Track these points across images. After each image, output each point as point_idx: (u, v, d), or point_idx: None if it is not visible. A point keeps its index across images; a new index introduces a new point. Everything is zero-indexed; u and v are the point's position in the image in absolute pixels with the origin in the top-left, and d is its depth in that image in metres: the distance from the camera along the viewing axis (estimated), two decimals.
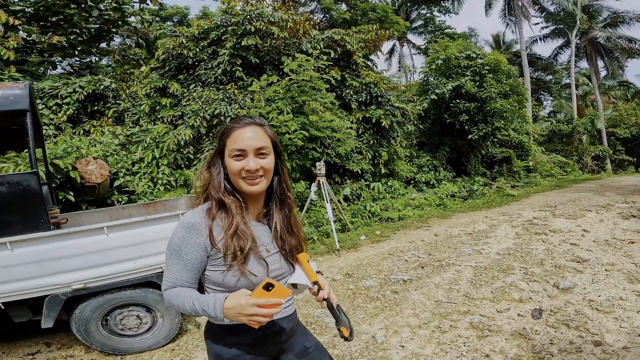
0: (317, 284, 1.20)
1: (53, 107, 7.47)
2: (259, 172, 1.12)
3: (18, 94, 2.56)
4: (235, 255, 1.11)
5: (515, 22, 20.18)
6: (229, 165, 1.13)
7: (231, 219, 1.13)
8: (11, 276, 2.45)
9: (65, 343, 3.16)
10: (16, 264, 2.43)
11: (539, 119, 20.57)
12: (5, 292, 2.47)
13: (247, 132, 1.12)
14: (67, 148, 5.43)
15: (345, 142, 7.24)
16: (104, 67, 12.10)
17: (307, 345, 1.37)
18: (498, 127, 10.68)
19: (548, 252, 4.75)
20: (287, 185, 1.26)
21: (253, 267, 1.14)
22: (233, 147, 1.11)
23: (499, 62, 10.70)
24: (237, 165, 1.11)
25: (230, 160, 1.12)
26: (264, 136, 1.15)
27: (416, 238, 6.07)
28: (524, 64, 19.07)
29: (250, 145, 1.11)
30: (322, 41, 7.99)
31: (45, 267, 2.50)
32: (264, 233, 1.23)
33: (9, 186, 2.43)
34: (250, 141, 1.11)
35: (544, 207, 7.82)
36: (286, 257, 1.25)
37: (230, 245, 1.11)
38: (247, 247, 1.12)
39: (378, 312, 3.43)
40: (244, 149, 1.10)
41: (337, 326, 1.21)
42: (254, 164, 1.10)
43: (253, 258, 1.15)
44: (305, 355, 1.36)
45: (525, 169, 13.13)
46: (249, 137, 1.11)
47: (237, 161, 1.11)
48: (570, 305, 3.28)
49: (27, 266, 2.46)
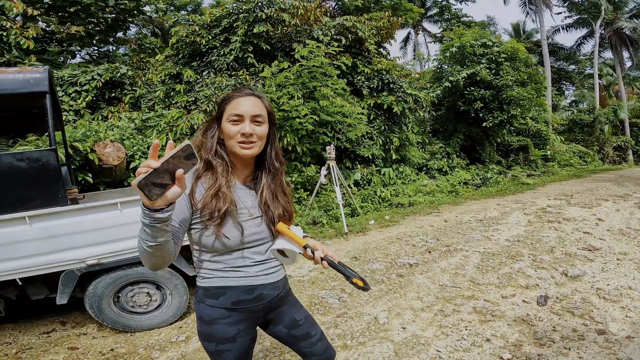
0: (308, 247, 1.21)
1: (72, 94, 7.68)
2: (252, 137, 1.18)
3: (38, 77, 2.65)
4: (212, 216, 1.15)
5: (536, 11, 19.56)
6: (225, 129, 1.19)
7: (215, 180, 1.18)
8: (29, 251, 2.54)
9: (80, 321, 3.27)
10: (34, 238, 2.53)
11: (560, 108, 19.96)
12: (24, 268, 2.56)
13: (246, 101, 1.20)
14: (86, 132, 5.61)
15: (356, 128, 7.23)
16: (121, 55, 12.31)
17: (297, 318, 1.39)
18: (514, 115, 10.42)
19: (559, 240, 4.69)
20: (277, 154, 1.31)
21: (228, 230, 1.18)
22: (232, 112, 1.18)
23: (516, 50, 10.41)
24: (233, 129, 1.18)
25: (228, 125, 1.19)
26: (261, 106, 1.22)
27: (425, 224, 6.06)
28: (545, 53, 18.55)
29: (247, 111, 1.18)
30: (334, 28, 7.93)
31: (61, 242, 2.60)
32: (249, 197, 1.26)
33: (29, 162, 2.54)
34: (248, 108, 1.18)
35: (559, 196, 7.66)
36: (268, 223, 1.27)
37: (208, 205, 1.15)
38: (224, 209, 1.15)
39: (382, 295, 3.47)
40: (242, 114, 1.17)
41: (349, 280, 1.19)
42: (249, 128, 1.17)
43: (230, 221, 1.18)
44: (295, 327, 1.38)
45: (543, 158, 12.82)
46: (248, 105, 1.19)
47: (234, 125, 1.18)
48: (578, 293, 3.25)
49: (45, 241, 2.56)
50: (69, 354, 2.75)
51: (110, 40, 11.54)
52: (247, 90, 1.23)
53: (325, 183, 6.27)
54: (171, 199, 0.90)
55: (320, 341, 1.42)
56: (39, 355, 2.76)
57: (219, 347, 1.24)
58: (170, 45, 7.99)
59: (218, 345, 1.24)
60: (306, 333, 1.39)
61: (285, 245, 1.23)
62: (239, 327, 1.25)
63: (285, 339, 1.40)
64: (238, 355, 1.26)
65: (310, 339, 1.40)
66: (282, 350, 2.58)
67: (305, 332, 1.40)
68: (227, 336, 1.23)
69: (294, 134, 6.46)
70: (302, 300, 3.46)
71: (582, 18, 21.13)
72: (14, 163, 2.49)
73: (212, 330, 1.23)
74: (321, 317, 3.10)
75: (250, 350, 1.32)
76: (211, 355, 1.28)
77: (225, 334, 1.23)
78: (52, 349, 2.83)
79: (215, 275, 1.23)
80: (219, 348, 1.24)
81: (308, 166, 6.89)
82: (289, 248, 1.23)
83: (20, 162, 2.50)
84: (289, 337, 1.39)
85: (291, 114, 6.24)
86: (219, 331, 1.23)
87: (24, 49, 7.22)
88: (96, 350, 2.78)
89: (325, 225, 6.14)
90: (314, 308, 3.28)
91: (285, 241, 1.24)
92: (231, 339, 1.24)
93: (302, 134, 6.48)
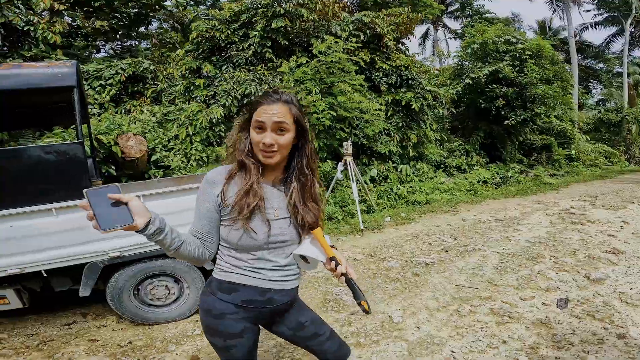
0: (335, 259, 1.21)
1: (97, 87, 7.89)
2: (273, 147, 1.18)
3: (66, 71, 2.71)
4: (241, 210, 1.18)
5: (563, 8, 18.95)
6: (251, 135, 1.21)
7: (248, 179, 1.20)
8: (55, 243, 2.59)
9: (100, 313, 3.31)
10: (60, 230, 2.59)
11: (586, 107, 19.26)
12: (49, 259, 2.61)
13: (270, 110, 1.18)
14: (110, 125, 5.77)
15: (374, 124, 7.17)
16: (143, 50, 12.55)
17: (302, 320, 1.40)
18: (538, 113, 10.13)
19: (582, 242, 4.55)
20: (308, 161, 1.29)
21: (256, 226, 1.20)
22: (256, 118, 1.19)
23: (542, 47, 10.08)
24: (256, 137, 1.19)
25: (253, 131, 1.20)
26: (287, 113, 1.19)
27: (442, 222, 5.98)
28: (572, 51, 17.99)
29: (270, 120, 1.17)
30: (352, 24, 7.86)
31: (85, 234, 2.64)
32: (277, 197, 1.27)
33: (57, 155, 2.61)
34: (271, 117, 1.17)
35: (583, 197, 7.42)
36: (295, 226, 1.27)
37: (239, 202, 1.19)
38: (254, 204, 1.18)
39: (397, 293, 3.46)
40: (264, 122, 1.17)
41: (357, 300, 1.23)
42: (269, 139, 1.16)
43: (258, 217, 1.21)
44: (300, 329, 1.39)
45: (567, 158, 12.42)
46: (271, 114, 1.17)
47: (258, 133, 1.19)
48: (599, 296, 3.16)
49: (70, 233, 2.62)
50: (89, 346, 2.80)
51: (132, 35, 11.79)
52: (275, 96, 1.20)
53: (342, 179, 6.26)
54: (129, 226, 1.05)
55: (330, 340, 1.42)
56: (59, 347, 2.81)
57: (227, 343, 1.26)
58: (190, 40, 8.09)
59: (226, 341, 1.26)
60: (313, 333, 1.40)
61: (311, 252, 1.23)
62: (245, 323, 1.28)
63: (290, 339, 1.42)
64: (246, 350, 1.29)
65: (319, 338, 1.40)
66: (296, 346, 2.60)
67: (312, 332, 1.40)
68: (235, 331, 1.26)
69: (311, 129, 6.44)
70: (316, 296, 3.48)
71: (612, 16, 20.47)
72: (42, 155, 2.56)
73: (220, 325, 1.25)
74: (335, 314, 3.10)
75: (255, 346, 1.35)
76: (219, 351, 1.30)
77: (232, 329, 1.25)
78: (72, 341, 2.89)
79: (233, 270, 1.25)
80: (227, 343, 1.26)
81: (324, 161, 6.89)
82: (313, 256, 1.23)
83: (49, 154, 2.58)
84: (295, 338, 1.41)
85: (309, 110, 6.24)
86: (226, 326, 1.25)
87: (51, 43, 7.44)
88: (115, 343, 2.83)
89: (340, 221, 6.14)
90: (327, 305, 3.28)
91: (312, 248, 1.24)
92: (238, 335, 1.26)
93: (319, 129, 6.48)
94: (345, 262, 1.24)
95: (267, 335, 2.72)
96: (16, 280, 2.72)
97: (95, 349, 2.77)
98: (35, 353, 2.75)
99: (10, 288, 2.68)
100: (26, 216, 2.49)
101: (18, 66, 2.62)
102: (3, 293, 2.66)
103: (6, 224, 2.45)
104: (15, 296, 2.70)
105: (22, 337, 2.97)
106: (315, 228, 1.27)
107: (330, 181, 6.37)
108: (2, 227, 2.45)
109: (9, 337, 2.97)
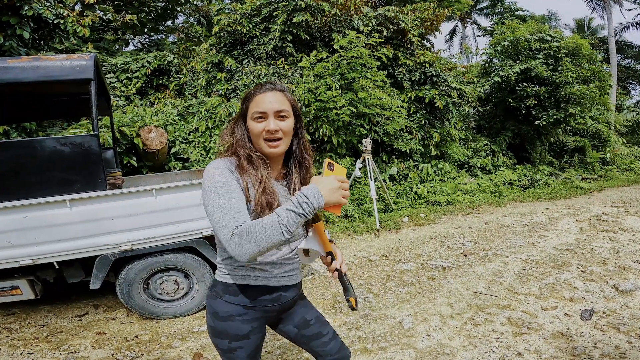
0: (331, 254, 1.20)
1: (124, 80, 8.11)
2: (278, 134, 1.16)
3: (84, 64, 2.73)
4: (262, 209, 1.14)
5: (603, 6, 17.94)
6: (250, 127, 1.18)
7: (259, 174, 1.16)
8: (68, 235, 2.61)
9: (111, 305, 3.35)
10: (73, 222, 2.62)
11: (624, 108, 18.16)
12: (62, 251, 2.64)
13: (268, 97, 1.16)
14: (133, 117, 5.90)
15: (395, 121, 7.00)
16: (169, 44, 12.80)
17: (308, 318, 1.38)
18: (573, 113, 9.59)
19: (613, 251, 4.27)
20: (305, 147, 1.28)
21: None
22: (255, 109, 1.16)
23: (579, 46, 9.54)
24: (258, 126, 1.16)
25: (252, 123, 1.17)
26: (284, 100, 1.18)
27: (463, 224, 5.78)
28: (611, 51, 17.04)
29: (271, 108, 1.15)
30: (374, 19, 7.66)
31: (98, 226, 2.68)
32: (283, 193, 1.25)
33: (72, 147, 2.62)
34: (271, 104, 1.15)
35: (616, 203, 6.99)
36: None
37: (259, 200, 1.14)
38: (276, 203, 1.15)
39: (410, 298, 3.35)
40: (265, 111, 1.15)
41: (346, 296, 1.21)
42: (274, 125, 1.15)
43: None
44: (306, 327, 1.37)
45: (601, 161, 11.74)
46: (270, 101, 1.16)
47: (259, 123, 1.16)
48: (627, 308, 2.95)
49: (83, 225, 2.65)
50: (96, 339, 2.84)
51: (160, 28, 12.03)
52: (268, 85, 1.19)
53: (360, 176, 6.15)
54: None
55: (333, 340, 1.40)
56: (67, 339, 2.85)
57: (232, 345, 1.24)
58: (213, 33, 8.15)
59: (231, 343, 1.24)
60: (317, 333, 1.38)
61: (313, 246, 1.22)
62: (253, 324, 1.26)
63: (295, 338, 1.40)
64: (250, 352, 1.27)
65: (322, 339, 1.38)
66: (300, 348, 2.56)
67: (317, 331, 1.38)
68: (241, 333, 1.24)
69: (331, 124, 6.37)
70: (325, 297, 3.41)
71: None
72: (58, 147, 2.59)
73: (227, 327, 1.23)
74: (343, 317, 3.03)
75: (260, 347, 1.33)
76: (222, 353, 1.28)
77: (239, 331, 1.23)
78: (81, 333, 2.93)
79: (239, 273, 1.23)
80: (232, 345, 1.24)
81: (343, 158, 6.80)
82: (315, 249, 1.22)
83: (64, 146, 2.60)
84: (299, 337, 1.38)
85: (328, 105, 6.15)
86: (233, 328, 1.23)
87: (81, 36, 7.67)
88: (121, 336, 2.86)
89: (357, 220, 6.04)
90: (337, 307, 3.22)
91: (314, 242, 1.23)
92: (245, 336, 1.24)
93: (338, 125, 6.39)
94: (341, 257, 1.22)
95: (271, 336, 2.68)
96: (30, 271, 2.78)
97: (102, 342, 2.80)
98: (43, 344, 2.79)
99: (23, 279, 2.73)
100: (40, 207, 2.53)
101: (37, 59, 2.66)
102: (16, 284, 2.71)
103: (21, 215, 2.50)
104: (28, 287, 2.74)
105: (33, 328, 3.03)
106: (317, 221, 1.23)
107: (348, 178, 6.27)
108: (17, 218, 2.50)
109: (21, 327, 3.04)
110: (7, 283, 2.72)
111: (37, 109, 3.99)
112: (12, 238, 2.52)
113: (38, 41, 5.93)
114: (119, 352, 2.66)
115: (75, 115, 5.21)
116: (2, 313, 3.26)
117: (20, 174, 2.54)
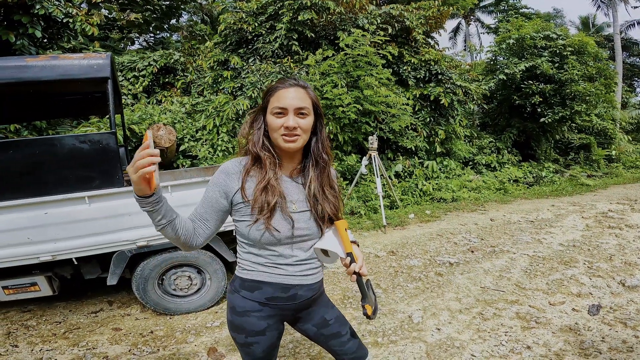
0: (351, 256, 1.18)
1: (131, 78, 8.17)
2: (296, 131, 1.15)
3: (101, 63, 2.78)
4: (262, 209, 1.15)
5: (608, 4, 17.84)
6: (269, 121, 1.17)
7: (264, 174, 1.17)
8: (87, 231, 2.66)
9: (125, 302, 3.38)
10: (92, 218, 2.67)
11: (629, 105, 18.06)
12: (81, 247, 2.68)
13: (290, 92, 1.15)
14: (142, 115, 5.97)
15: (400, 118, 7.04)
16: (174, 42, 12.85)
17: (327, 318, 1.37)
18: (578, 111, 9.58)
19: (620, 248, 4.30)
20: (324, 145, 1.26)
21: (278, 223, 1.17)
22: (275, 104, 1.15)
23: (584, 44, 9.52)
24: (277, 122, 1.15)
25: (272, 117, 1.16)
26: (306, 97, 1.18)
27: (469, 221, 5.81)
28: (617, 48, 17.02)
29: (292, 104, 1.14)
30: (379, 17, 7.69)
31: (116, 222, 2.73)
32: (295, 190, 1.24)
33: (91, 144, 2.68)
34: (292, 100, 1.14)
35: (622, 200, 6.99)
36: (316, 219, 1.24)
37: (258, 198, 1.15)
38: (274, 202, 1.15)
39: (418, 293, 3.39)
40: (285, 107, 1.14)
41: (362, 302, 1.19)
42: (292, 122, 1.13)
43: (279, 214, 1.18)
44: (325, 326, 1.36)
45: (607, 159, 11.72)
46: (291, 97, 1.15)
47: (278, 118, 1.15)
48: (634, 304, 2.98)
49: (101, 221, 2.69)
50: (112, 335, 2.88)
51: (164, 27, 12.08)
52: (291, 80, 1.18)
53: (366, 173, 6.19)
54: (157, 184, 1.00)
55: (352, 340, 1.40)
56: (85, 336, 2.88)
57: (248, 339, 1.25)
58: (219, 32, 8.19)
59: (248, 337, 1.25)
60: (336, 332, 1.37)
61: (331, 246, 1.20)
62: (269, 321, 1.26)
63: (313, 337, 1.39)
64: (266, 348, 1.28)
65: (341, 338, 1.37)
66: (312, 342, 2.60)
67: (336, 331, 1.37)
68: (257, 329, 1.25)
69: (336, 122, 6.42)
70: (335, 292, 3.46)
71: None
72: (77, 145, 2.65)
73: (243, 322, 1.24)
74: (353, 312, 3.08)
75: (277, 344, 1.33)
76: (240, 347, 1.30)
77: (255, 326, 1.24)
78: (97, 329, 2.97)
79: (255, 268, 1.24)
80: (248, 340, 1.26)
81: (349, 155, 6.84)
82: (334, 250, 1.19)
83: (83, 144, 2.65)
84: (318, 335, 1.38)
85: (334, 103, 6.19)
86: (249, 323, 1.24)
87: (88, 35, 7.73)
88: (137, 332, 2.90)
89: (363, 216, 6.08)
90: (347, 302, 3.27)
91: (333, 242, 1.21)
92: (261, 332, 1.25)
93: (344, 122, 6.43)
94: (362, 260, 1.20)
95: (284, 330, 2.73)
96: (48, 268, 2.83)
97: (118, 338, 2.84)
98: (60, 341, 2.83)
99: (41, 275, 2.78)
100: (60, 204, 2.59)
101: (55, 57, 2.71)
102: (34, 280, 2.76)
103: (41, 211, 2.55)
104: (46, 283, 2.79)
105: (50, 325, 3.06)
106: (337, 220, 1.24)
107: (354, 175, 6.31)
108: (37, 214, 2.55)
109: (37, 324, 3.08)
110: (26, 279, 2.77)
111: (50, 108, 4.04)
112: (31, 234, 2.57)
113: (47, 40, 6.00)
114: (136, 347, 2.70)
115: (86, 114, 5.28)
116: (17, 310, 3.30)
117: (39, 171, 2.60)
